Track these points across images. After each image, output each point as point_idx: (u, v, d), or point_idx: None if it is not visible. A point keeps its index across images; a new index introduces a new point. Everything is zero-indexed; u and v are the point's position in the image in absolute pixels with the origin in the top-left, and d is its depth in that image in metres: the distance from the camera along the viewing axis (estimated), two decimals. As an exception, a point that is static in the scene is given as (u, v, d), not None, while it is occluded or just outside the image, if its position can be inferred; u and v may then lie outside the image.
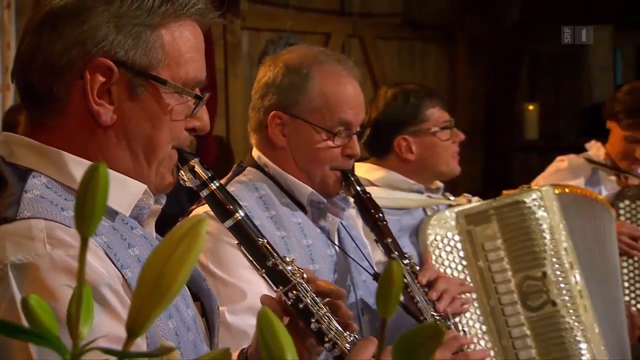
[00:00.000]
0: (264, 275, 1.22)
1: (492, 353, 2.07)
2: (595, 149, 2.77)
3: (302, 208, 1.70)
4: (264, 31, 4.89)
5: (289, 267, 1.22)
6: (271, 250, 1.22)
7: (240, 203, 1.60)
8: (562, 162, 2.73)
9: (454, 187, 4.95)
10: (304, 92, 1.69)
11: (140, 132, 1.07)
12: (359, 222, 1.87)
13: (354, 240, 1.79)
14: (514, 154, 5.47)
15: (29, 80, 1.07)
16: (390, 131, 2.16)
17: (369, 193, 1.75)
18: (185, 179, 1.17)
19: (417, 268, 1.74)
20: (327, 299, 1.24)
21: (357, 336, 1.24)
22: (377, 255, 1.86)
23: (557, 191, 2.18)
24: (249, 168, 1.74)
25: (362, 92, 1.81)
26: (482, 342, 2.07)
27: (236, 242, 1.24)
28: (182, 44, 1.08)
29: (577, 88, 5.62)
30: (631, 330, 2.42)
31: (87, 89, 1.03)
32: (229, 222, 1.20)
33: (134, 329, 0.60)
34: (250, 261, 1.22)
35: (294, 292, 1.20)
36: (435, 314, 1.67)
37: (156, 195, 1.12)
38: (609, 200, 2.63)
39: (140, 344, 0.97)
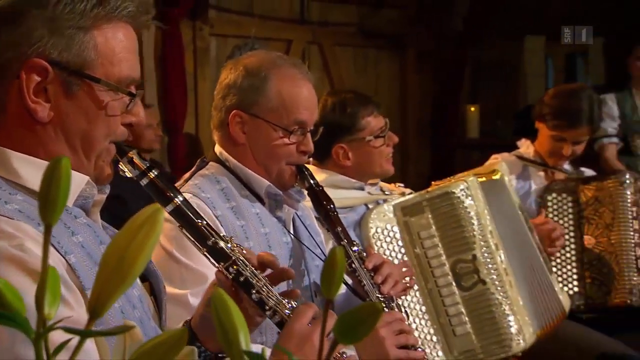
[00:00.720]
0: (205, 253, 1.21)
1: (431, 331, 2.10)
2: (525, 147, 2.78)
3: (260, 199, 1.70)
4: (231, 37, 4.86)
5: (229, 245, 1.21)
6: (210, 230, 1.21)
7: (203, 194, 1.61)
8: (496, 160, 2.72)
9: (404, 179, 5.01)
10: (262, 93, 1.68)
11: (77, 127, 1.05)
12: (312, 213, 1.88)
13: (307, 229, 1.80)
14: (458, 151, 5.51)
15: None
16: (329, 139, 2.15)
17: (321, 186, 1.76)
18: (126, 170, 1.15)
19: (365, 255, 1.75)
20: (267, 273, 1.24)
21: (295, 303, 1.24)
22: (329, 242, 1.87)
23: (480, 180, 2.21)
24: (211, 163, 1.74)
25: (320, 92, 1.81)
26: (423, 322, 2.10)
27: (178, 225, 1.22)
28: (115, 45, 1.06)
29: (514, 92, 5.69)
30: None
31: (23, 88, 1.01)
32: (169, 207, 1.18)
33: (96, 309, 0.60)
34: (192, 242, 1.21)
35: (234, 267, 1.20)
36: (380, 296, 1.67)
37: (98, 186, 1.10)
38: (538, 194, 2.66)
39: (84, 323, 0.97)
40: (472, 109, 5.61)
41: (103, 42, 1.05)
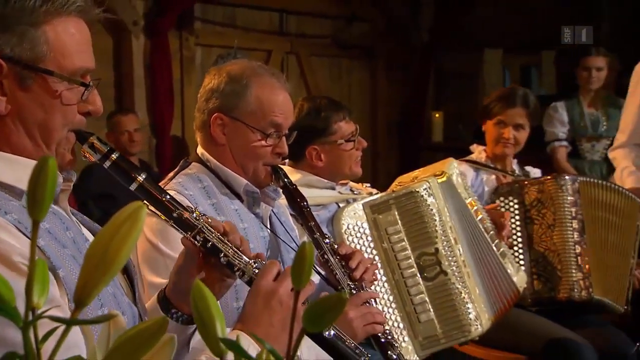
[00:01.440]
0: (173, 225, 1.20)
1: (398, 318, 2.11)
2: (478, 152, 2.76)
3: (239, 197, 1.70)
4: (215, 47, 4.84)
5: (194, 215, 1.20)
6: (175, 203, 1.20)
7: (186, 192, 1.60)
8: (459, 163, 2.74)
9: (375, 178, 5.02)
10: (243, 98, 1.67)
11: (34, 118, 1.02)
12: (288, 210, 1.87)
13: (283, 225, 1.79)
14: (423, 152, 5.54)
15: None
16: (303, 141, 2.14)
17: (295, 185, 1.75)
18: (87, 155, 1.12)
19: (336, 247, 1.75)
20: (231, 237, 1.23)
21: (263, 262, 1.23)
22: (303, 237, 1.87)
23: (439, 180, 2.22)
24: (194, 163, 1.73)
25: (296, 98, 1.80)
26: (390, 310, 2.10)
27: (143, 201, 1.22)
28: (66, 38, 1.03)
29: (474, 99, 5.71)
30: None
31: None
32: (134, 186, 1.17)
33: (81, 298, 0.60)
34: (157, 215, 1.20)
35: (201, 234, 1.19)
36: (351, 283, 1.67)
37: (62, 173, 1.08)
38: (491, 195, 2.65)
39: (62, 302, 0.95)
40: (437, 114, 5.64)
41: (54, 36, 1.02)
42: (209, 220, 1.22)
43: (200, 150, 1.74)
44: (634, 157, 2.98)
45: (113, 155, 1.14)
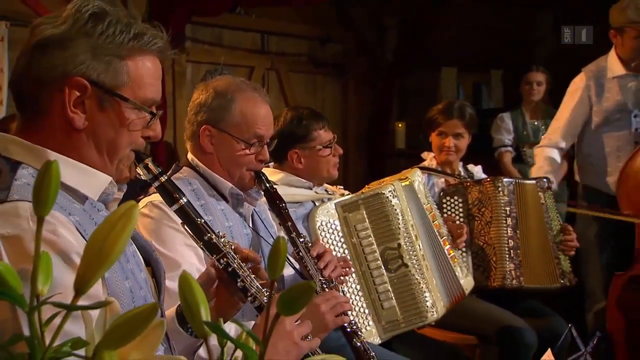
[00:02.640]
0: (202, 247, 1.21)
1: (364, 305, 2.11)
2: (429, 159, 2.77)
3: (224, 198, 1.70)
4: (204, 64, 4.82)
5: (222, 240, 1.22)
6: (207, 227, 1.21)
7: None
8: (409, 171, 2.72)
9: (345, 182, 5.04)
10: (228, 112, 1.67)
11: (105, 136, 1.05)
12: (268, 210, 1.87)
13: (263, 223, 1.79)
14: (388, 159, 5.55)
15: (20, 91, 1.04)
16: (286, 145, 2.16)
17: (275, 188, 1.76)
18: (141, 174, 1.15)
19: (310, 245, 1.75)
20: (250, 265, 1.24)
21: (273, 292, 1.24)
22: (281, 232, 1.87)
23: (403, 184, 2.24)
24: (184, 167, 1.72)
25: (277, 110, 1.80)
26: (357, 298, 2.11)
27: (180, 222, 1.22)
28: (144, 72, 1.06)
29: (432, 112, 5.78)
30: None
31: (65, 100, 1.01)
32: (175, 207, 1.19)
33: (80, 287, 0.60)
34: (192, 236, 1.21)
35: (225, 259, 1.20)
36: (322, 279, 1.67)
37: (118, 185, 1.10)
38: (439, 196, 2.66)
39: (101, 298, 0.95)
40: (400, 125, 5.66)
41: (134, 69, 1.05)
42: (233, 246, 1.23)
43: (190, 156, 1.74)
44: (552, 160, 3.04)
45: (162, 178, 1.17)
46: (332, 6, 5.23)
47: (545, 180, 2.71)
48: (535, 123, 4.10)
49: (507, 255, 2.53)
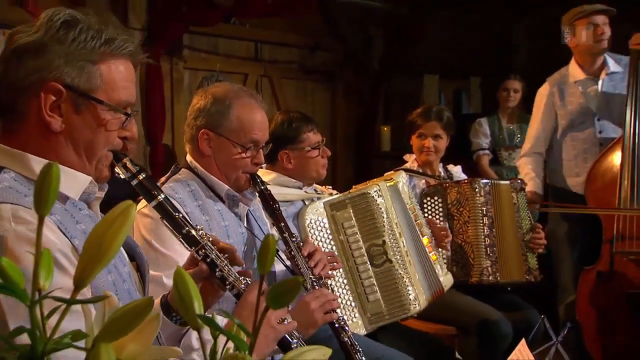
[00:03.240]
0: (181, 240, 1.20)
1: (351, 298, 2.11)
2: (411, 161, 2.78)
3: (221, 199, 1.68)
4: (200, 70, 4.80)
5: (199, 233, 1.20)
6: (185, 221, 1.20)
7: (177, 196, 1.57)
8: (393, 173, 2.71)
9: (334, 182, 5.03)
10: (226, 117, 1.66)
11: (82, 138, 1.04)
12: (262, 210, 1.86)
13: (257, 222, 1.79)
14: (374, 160, 5.56)
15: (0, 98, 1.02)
16: (277, 146, 2.15)
17: (269, 190, 1.75)
18: (120, 173, 1.13)
19: (301, 244, 1.74)
20: (226, 255, 1.23)
21: (249, 280, 1.23)
22: (273, 229, 1.86)
23: (388, 184, 2.24)
24: (183, 169, 1.71)
25: (269, 115, 1.79)
26: (344, 291, 2.11)
27: (160, 217, 1.21)
28: (116, 75, 1.05)
29: (416, 117, 5.79)
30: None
31: (41, 104, 0.99)
32: (154, 202, 1.17)
33: (79, 282, 0.59)
34: (170, 230, 1.20)
35: (203, 250, 1.19)
36: (312, 277, 1.67)
37: (98, 184, 1.09)
38: (420, 196, 2.66)
39: (86, 294, 0.94)
40: (385, 128, 5.67)
41: (107, 72, 1.03)
42: (211, 239, 1.22)
43: (189, 158, 1.73)
44: (535, 166, 3.07)
45: (140, 175, 1.15)
46: (321, 17, 5.23)
47: (519, 181, 2.73)
48: (511, 127, 4.13)
49: (484, 253, 2.54)
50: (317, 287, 1.62)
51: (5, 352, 0.55)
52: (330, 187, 2.47)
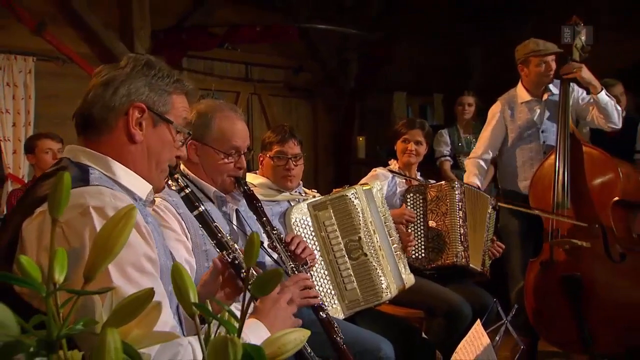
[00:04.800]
0: (214, 244, 1.25)
1: (331, 287, 2.12)
2: (393, 165, 2.81)
3: (210, 200, 1.68)
4: (198, 90, 4.79)
5: (230, 240, 1.29)
6: (219, 230, 1.28)
7: (170, 199, 1.56)
8: (374, 171, 2.77)
9: (317, 186, 5.04)
10: (209, 128, 1.66)
11: (155, 149, 1.13)
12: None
13: (247, 221, 1.78)
14: (351, 166, 5.58)
15: (90, 115, 1.10)
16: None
17: (252, 190, 1.74)
18: (172, 185, 1.23)
19: (282, 236, 1.75)
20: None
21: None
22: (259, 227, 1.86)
23: (364, 188, 2.26)
24: (176, 175, 1.71)
25: (259, 128, 1.78)
26: (325, 281, 2.11)
27: (199, 226, 1.26)
28: (180, 106, 1.16)
29: (386, 128, 5.82)
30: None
31: (129, 120, 1.10)
32: (195, 212, 1.25)
33: (89, 274, 0.60)
34: (207, 235, 1.25)
35: (232, 254, 1.25)
36: (292, 264, 1.67)
37: (156, 194, 1.18)
38: (402, 194, 2.71)
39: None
40: (360, 139, 5.69)
41: (175, 102, 1.15)
42: (235, 245, 1.30)
43: (181, 166, 1.73)
44: (479, 167, 3.16)
45: (187, 190, 1.27)
46: (303, 43, 5.25)
47: (493, 199, 2.81)
48: (468, 137, 4.21)
49: (458, 239, 2.58)
50: (296, 273, 1.63)
51: (26, 337, 0.55)
52: (315, 190, 2.48)
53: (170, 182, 1.18)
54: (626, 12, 4.80)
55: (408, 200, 2.67)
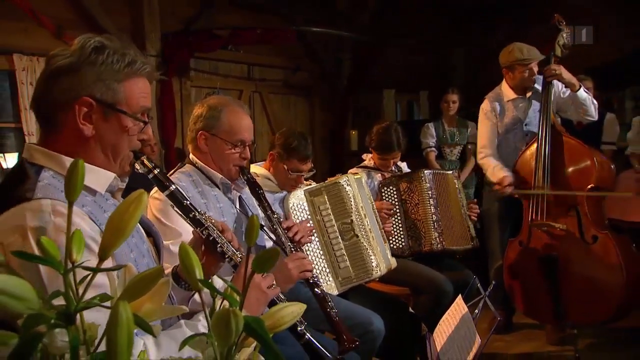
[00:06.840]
0: (189, 222, 1.20)
1: (325, 265, 2.13)
2: (368, 160, 2.76)
3: (217, 186, 1.69)
4: (204, 88, 4.76)
5: (203, 217, 1.20)
6: (192, 207, 1.20)
7: (181, 184, 1.57)
8: (356, 172, 2.65)
9: (313, 175, 5.03)
10: (219, 121, 1.66)
11: (109, 141, 1.03)
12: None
13: (249, 207, 1.79)
14: (345, 158, 5.58)
15: (41, 110, 1.01)
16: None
17: (254, 179, 1.75)
18: (139, 168, 1.12)
19: (281, 219, 1.75)
20: (225, 234, 1.23)
21: (242, 254, 1.23)
22: (260, 211, 1.86)
23: (355, 177, 2.26)
24: (187, 164, 1.71)
25: (260, 123, 1.78)
26: (320, 260, 2.12)
27: (172, 204, 1.21)
28: (136, 90, 1.04)
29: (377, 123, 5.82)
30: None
31: (75, 115, 0.99)
32: (166, 192, 1.17)
33: (103, 254, 0.60)
34: (180, 214, 1.20)
35: (206, 230, 1.19)
36: (290, 244, 1.68)
37: (121, 179, 1.08)
38: (378, 187, 2.66)
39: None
40: (353, 133, 5.69)
41: (128, 89, 1.02)
42: (213, 221, 1.22)
43: (191, 155, 1.73)
44: (497, 161, 3.12)
45: (155, 170, 1.15)
46: (301, 44, 5.22)
47: (456, 173, 2.79)
48: (452, 129, 4.23)
49: (432, 227, 2.57)
50: (294, 252, 1.63)
51: (46, 311, 0.55)
52: (311, 179, 2.47)
53: (136, 165, 1.10)
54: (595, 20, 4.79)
55: (383, 193, 2.63)
